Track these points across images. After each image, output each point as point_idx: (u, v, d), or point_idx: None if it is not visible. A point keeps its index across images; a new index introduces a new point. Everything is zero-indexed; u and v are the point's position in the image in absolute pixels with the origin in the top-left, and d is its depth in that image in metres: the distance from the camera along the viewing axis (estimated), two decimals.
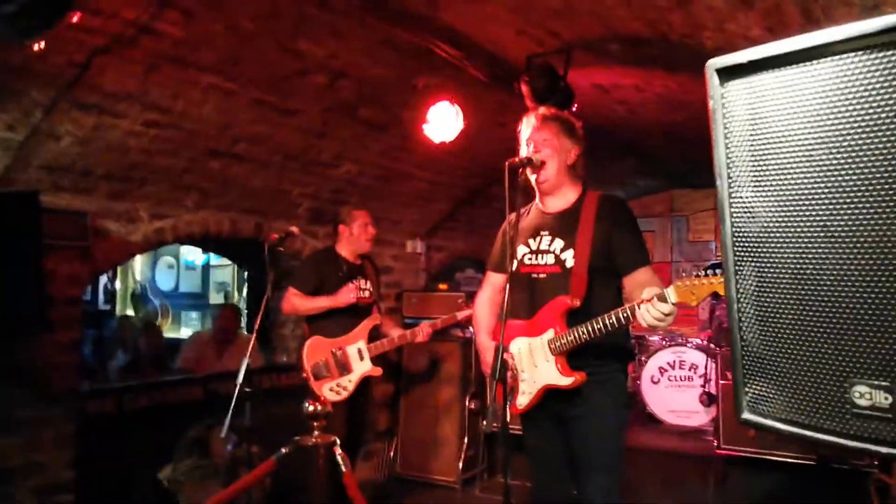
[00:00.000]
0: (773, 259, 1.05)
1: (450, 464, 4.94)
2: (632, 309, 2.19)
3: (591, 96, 3.88)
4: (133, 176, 3.47)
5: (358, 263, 3.94)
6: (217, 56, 2.98)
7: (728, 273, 1.12)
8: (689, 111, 3.99)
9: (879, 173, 0.89)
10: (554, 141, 2.51)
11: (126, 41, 2.67)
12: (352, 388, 3.69)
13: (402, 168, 4.75)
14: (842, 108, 0.93)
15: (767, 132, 1.03)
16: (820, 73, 0.94)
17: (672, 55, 3.04)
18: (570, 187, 2.56)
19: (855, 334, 0.96)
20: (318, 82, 3.42)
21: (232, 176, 3.88)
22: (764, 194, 1.04)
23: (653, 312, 2.11)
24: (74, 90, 2.85)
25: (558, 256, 2.47)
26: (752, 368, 1.12)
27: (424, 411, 5.14)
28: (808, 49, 0.94)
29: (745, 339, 1.12)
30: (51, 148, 3.06)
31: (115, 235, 3.51)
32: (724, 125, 1.09)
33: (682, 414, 5.45)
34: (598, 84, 3.77)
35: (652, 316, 2.11)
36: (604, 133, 4.66)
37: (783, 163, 1.01)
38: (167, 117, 3.22)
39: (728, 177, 1.10)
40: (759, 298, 1.08)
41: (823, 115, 0.95)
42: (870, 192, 0.91)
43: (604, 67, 3.44)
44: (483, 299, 2.77)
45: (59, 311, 3.15)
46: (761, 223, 1.05)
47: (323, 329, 3.74)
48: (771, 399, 1.09)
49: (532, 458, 2.65)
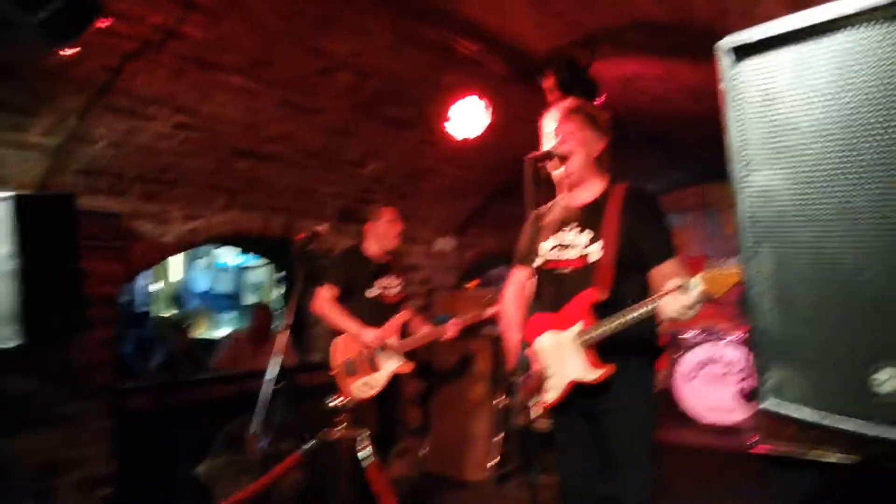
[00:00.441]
0: (790, 241, 1.03)
1: (482, 461, 4.93)
2: (656, 300, 2.16)
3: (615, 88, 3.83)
4: (164, 178, 3.55)
5: (386, 261, 3.96)
6: (242, 57, 3.03)
7: (745, 256, 1.10)
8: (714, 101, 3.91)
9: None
10: (579, 133, 2.48)
11: (154, 45, 2.73)
12: (382, 385, 3.71)
13: (429, 164, 4.76)
14: (857, 82, 0.90)
15: (781, 111, 1.00)
16: (833, 47, 0.91)
17: (696, 43, 2.98)
18: (596, 180, 2.53)
19: (877, 316, 0.93)
20: (342, 81, 3.45)
21: (260, 176, 3.94)
22: (779, 175, 1.02)
23: (676, 303, 2.08)
24: (107, 95, 2.93)
25: (584, 250, 2.44)
26: (772, 354, 1.09)
27: (456, 409, 5.14)
28: (820, 24, 0.92)
29: (763, 325, 1.10)
30: (86, 152, 3.15)
31: (148, 236, 3.60)
32: (736, 106, 1.07)
33: (718, 411, 5.34)
34: (622, 75, 3.72)
35: (675, 307, 2.08)
36: (630, 125, 4.60)
37: (798, 142, 0.99)
38: (195, 119, 3.29)
39: (742, 159, 1.07)
40: (778, 282, 1.06)
41: (838, 91, 0.92)
42: (890, 168, 0.88)
43: (626, 58, 3.40)
44: (510, 295, 2.76)
45: (96, 311, 3.22)
46: (777, 205, 1.03)
47: None
48: (792, 384, 1.07)
49: (561, 453, 2.63)
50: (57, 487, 3.10)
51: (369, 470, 2.30)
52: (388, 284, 3.89)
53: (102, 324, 3.32)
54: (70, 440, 3.17)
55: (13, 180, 2.98)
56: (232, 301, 7.86)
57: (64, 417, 3.15)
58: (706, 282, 2.06)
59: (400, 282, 3.99)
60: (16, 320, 2.51)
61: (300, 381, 4.47)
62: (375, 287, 3.83)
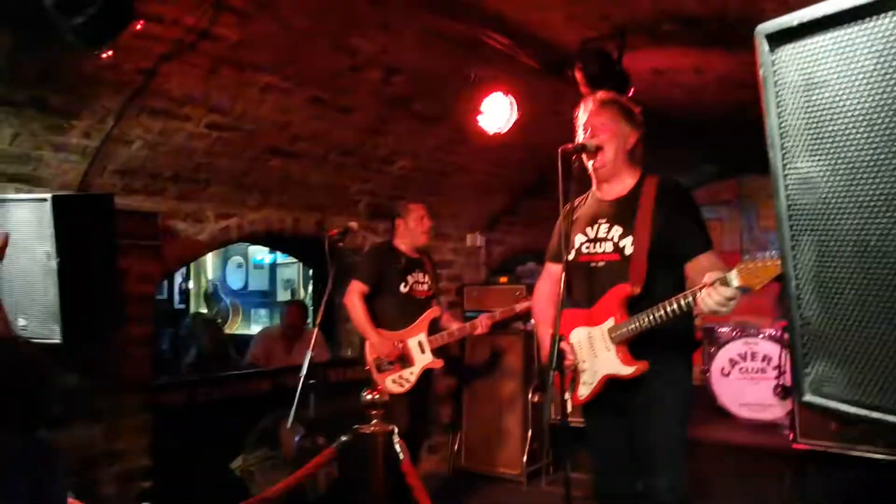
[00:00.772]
0: (833, 231, 0.99)
1: (514, 457, 4.93)
2: (693, 294, 2.13)
3: (647, 81, 3.77)
4: (198, 177, 3.61)
5: (416, 257, 3.97)
6: (273, 56, 3.06)
7: (784, 248, 1.06)
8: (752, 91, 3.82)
9: None
10: (611, 125, 2.46)
11: (187, 46, 2.77)
12: (414, 381, 3.74)
13: (459, 161, 4.75)
14: None
15: (822, 98, 0.97)
16: (876, 31, 0.88)
17: (730, 33, 2.92)
18: (628, 173, 2.50)
19: None
20: (371, 78, 3.47)
21: (291, 174, 3.98)
22: (821, 163, 0.99)
23: (714, 297, 2.04)
24: (142, 96, 2.99)
25: (617, 244, 2.42)
26: (813, 348, 1.06)
27: (487, 404, 5.14)
28: (862, 6, 0.88)
29: (804, 318, 1.06)
30: (123, 152, 3.22)
31: (183, 235, 3.67)
32: (775, 93, 1.04)
33: (755, 407, 5.24)
34: (654, 67, 3.67)
35: (713, 301, 2.05)
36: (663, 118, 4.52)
37: (841, 129, 0.95)
38: (228, 119, 3.34)
39: (782, 147, 1.04)
40: (819, 274, 1.02)
41: (882, 76, 0.89)
42: None
43: (659, 50, 3.34)
44: (542, 290, 2.74)
45: (134, 308, 3.31)
46: (818, 194, 1.00)
47: (384, 323, 3.80)
48: (834, 380, 1.03)
49: (594, 449, 2.62)
50: (98, 480, 3.18)
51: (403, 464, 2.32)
52: (418, 280, 3.91)
53: (139, 321, 3.40)
54: (110, 434, 3.25)
55: (54, 181, 3.07)
56: (265, 298, 7.97)
57: (104, 412, 3.23)
58: (744, 275, 2.02)
59: (430, 278, 4.00)
60: (57, 318, 2.59)
61: (332, 376, 4.52)
62: (406, 283, 3.85)
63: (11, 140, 2.83)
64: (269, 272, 7.99)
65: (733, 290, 2.02)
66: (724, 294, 2.03)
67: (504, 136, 3.80)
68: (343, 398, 4.12)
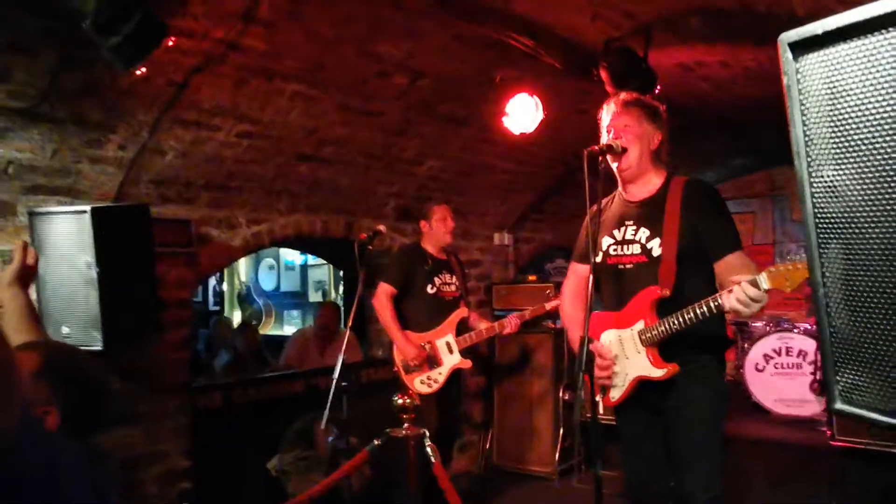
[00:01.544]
0: (860, 239, 0.99)
1: (546, 455, 4.94)
2: (722, 297, 2.12)
3: (674, 76, 3.74)
4: (230, 185, 3.68)
5: (443, 258, 4.00)
6: (300, 64, 3.11)
7: (812, 256, 1.06)
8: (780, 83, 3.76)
9: None
10: (636, 127, 2.45)
11: (216, 59, 2.84)
12: (442, 381, 3.77)
13: (485, 160, 4.77)
14: None
15: (847, 107, 0.97)
16: None
17: (759, 26, 2.88)
18: (654, 174, 2.49)
19: None
20: (397, 83, 3.50)
21: (320, 178, 4.04)
22: (847, 172, 0.98)
23: (737, 295, 2.03)
24: (175, 108, 3.06)
25: (644, 246, 2.41)
26: (843, 356, 1.06)
27: (518, 403, 5.16)
28: (885, 15, 0.88)
29: (833, 326, 1.06)
30: (157, 163, 3.30)
31: (216, 241, 3.75)
32: (800, 101, 1.03)
33: (791, 403, 5.14)
34: (681, 63, 3.63)
35: (735, 298, 2.03)
36: (691, 113, 4.48)
37: (866, 138, 0.95)
38: (257, 127, 3.40)
39: (807, 155, 1.04)
40: (848, 282, 1.02)
41: None
42: None
43: (686, 46, 3.31)
44: (569, 291, 2.74)
45: (171, 313, 3.40)
46: (845, 202, 1.00)
47: (412, 324, 3.84)
48: (865, 388, 1.03)
49: (627, 448, 2.62)
50: (139, 481, 3.28)
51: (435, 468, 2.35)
52: (445, 281, 3.93)
53: (177, 325, 3.50)
54: (150, 436, 3.34)
55: (92, 192, 3.16)
56: (297, 299, 8.08)
57: (144, 415, 3.33)
58: (774, 277, 2.00)
59: (457, 279, 4.03)
60: (98, 325, 2.68)
61: (364, 376, 4.57)
62: (433, 284, 3.88)
63: (52, 154, 2.93)
64: (301, 273, 8.11)
65: (759, 291, 2.01)
66: (748, 293, 2.01)
67: (530, 134, 3.80)
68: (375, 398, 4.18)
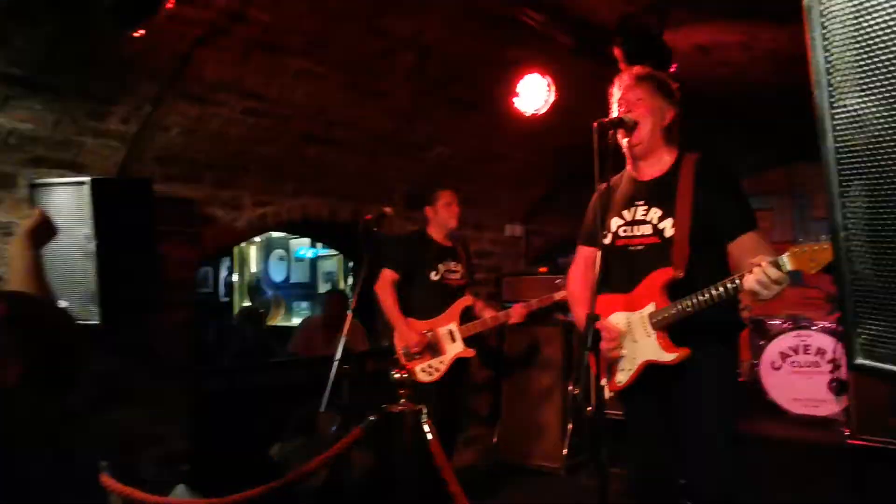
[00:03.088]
0: (886, 173, 0.90)
1: (554, 450, 4.84)
2: (740, 278, 2.02)
3: (691, 60, 3.64)
4: (235, 164, 3.64)
5: (448, 245, 3.92)
6: (305, 39, 3.06)
7: (832, 197, 0.97)
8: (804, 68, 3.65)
9: None
10: (648, 101, 2.36)
11: (220, 30, 2.79)
12: (444, 369, 3.69)
13: (497, 148, 4.69)
14: None
15: (874, 24, 0.88)
16: None
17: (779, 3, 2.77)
18: (665, 151, 2.40)
19: None
20: (406, 61, 3.44)
21: (328, 161, 3.98)
22: (873, 98, 0.90)
23: (758, 275, 1.93)
24: (179, 82, 3.02)
25: (656, 226, 2.32)
26: (866, 306, 0.97)
27: (526, 396, 5.06)
28: None
29: (855, 272, 0.97)
30: (161, 139, 3.26)
31: (221, 222, 3.70)
32: (821, 24, 0.95)
33: (808, 402, 5.01)
34: (698, 44, 3.53)
35: (755, 279, 1.93)
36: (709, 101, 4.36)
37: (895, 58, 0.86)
38: (263, 104, 3.36)
39: (828, 84, 0.95)
40: (872, 222, 0.93)
41: None
42: None
43: (703, 24, 3.22)
44: (576, 275, 2.65)
45: (173, 293, 3.35)
46: (870, 133, 0.91)
47: (415, 311, 3.76)
48: (889, 339, 0.94)
49: (632, 439, 2.52)
50: (137, 462, 3.23)
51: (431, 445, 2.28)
52: (450, 269, 3.86)
53: (179, 306, 3.45)
54: (150, 417, 3.29)
55: (94, 167, 3.13)
56: (307, 290, 8.06)
57: (145, 395, 3.28)
58: (797, 257, 1.91)
59: (463, 267, 3.94)
60: (96, 299, 2.63)
61: (370, 366, 4.51)
62: (437, 271, 3.80)
63: (54, 126, 2.89)
64: (311, 265, 8.08)
65: (781, 272, 1.91)
66: (770, 275, 1.91)
67: (542, 122, 3.73)
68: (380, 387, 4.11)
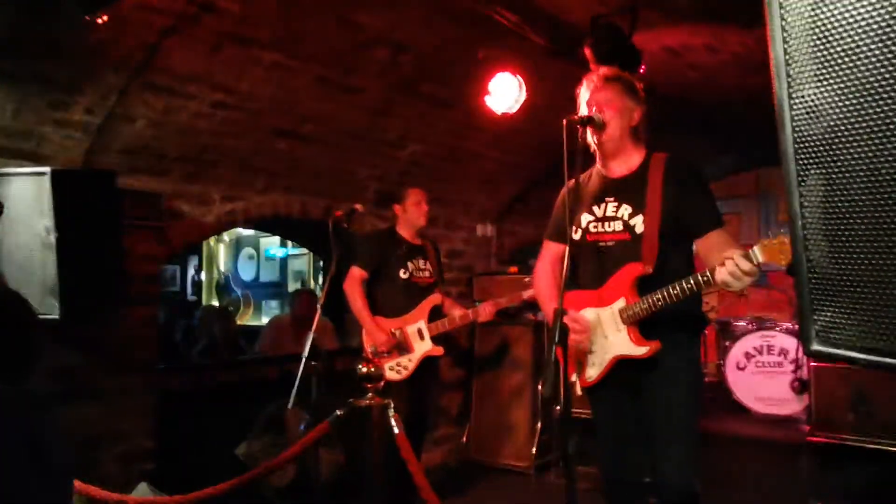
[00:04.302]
0: (841, 162, 0.92)
1: (523, 449, 4.86)
2: (712, 271, 2.07)
3: (661, 61, 3.69)
4: (204, 158, 3.58)
5: (418, 244, 3.91)
6: (277, 32, 3.02)
7: (790, 185, 0.99)
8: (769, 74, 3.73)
9: None
10: (616, 102, 2.41)
11: (189, 19, 2.74)
12: (412, 368, 3.68)
13: (470, 147, 4.69)
14: None
15: (831, 14, 0.90)
16: None
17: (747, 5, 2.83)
18: (633, 150, 2.45)
19: None
20: (379, 56, 3.42)
21: (299, 157, 3.94)
22: (829, 89, 0.91)
23: (730, 268, 1.98)
24: (146, 72, 2.96)
25: (627, 223, 2.36)
26: (822, 293, 0.99)
27: (497, 396, 5.08)
28: None
29: (811, 261, 0.99)
30: (127, 131, 3.20)
31: (188, 216, 3.65)
32: (780, 16, 0.97)
33: (771, 402, 5.12)
34: (668, 46, 3.58)
35: (729, 271, 1.98)
36: (678, 104, 4.43)
37: (850, 48, 0.88)
38: (233, 97, 3.31)
39: (787, 75, 0.97)
40: (828, 210, 0.95)
41: None
42: None
43: (672, 26, 3.26)
44: (543, 270, 2.66)
45: (138, 288, 3.29)
46: (827, 122, 0.92)
47: (383, 309, 3.75)
48: (843, 326, 0.96)
49: (602, 439, 2.54)
50: (99, 459, 3.16)
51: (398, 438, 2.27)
52: (419, 267, 3.85)
53: (144, 301, 3.38)
54: (112, 414, 3.22)
55: (57, 159, 3.05)
56: (276, 289, 7.98)
57: (106, 391, 3.21)
58: (768, 250, 1.96)
59: (432, 265, 3.94)
60: (56, 293, 2.57)
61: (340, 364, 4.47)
62: (406, 269, 3.80)
63: (14, 115, 2.82)
64: (280, 264, 8.01)
65: (751, 265, 1.96)
66: (742, 266, 1.96)
67: (515, 122, 3.74)
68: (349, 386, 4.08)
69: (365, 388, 2.34)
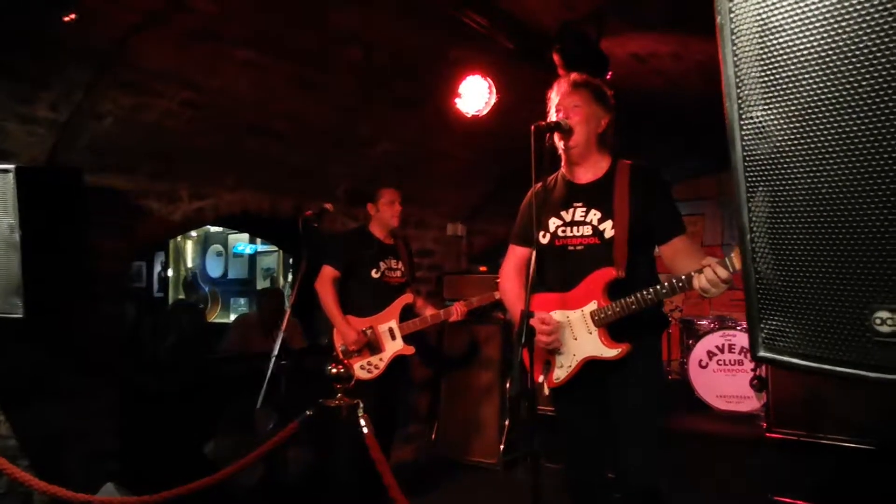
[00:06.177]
0: (786, 180, 0.98)
1: (491, 446, 4.91)
2: (688, 277, 2.12)
3: (627, 67, 3.76)
4: (173, 155, 3.55)
5: (390, 243, 3.93)
6: (248, 29, 3.01)
7: (740, 201, 1.05)
8: None
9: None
10: (584, 108, 2.44)
11: (159, 17, 2.72)
12: (383, 367, 3.69)
13: (441, 147, 4.72)
14: (857, 5, 0.85)
15: (777, 43, 0.95)
16: None
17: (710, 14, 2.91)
18: (600, 156, 2.49)
19: (876, 255, 0.88)
20: (350, 55, 3.42)
21: (269, 155, 3.92)
22: (775, 111, 0.97)
23: (708, 276, 2.04)
24: (113, 68, 2.93)
25: (596, 227, 2.40)
26: (768, 302, 1.04)
27: (465, 394, 5.12)
28: None
29: (758, 272, 1.05)
30: (94, 128, 3.15)
31: (156, 215, 3.60)
32: (732, 41, 1.02)
33: (731, 399, 5.26)
34: (634, 53, 3.65)
35: (707, 278, 2.04)
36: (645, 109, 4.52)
37: (795, 74, 0.94)
38: (203, 95, 3.28)
39: (738, 97, 1.03)
40: (773, 225, 1.01)
41: (838, 16, 0.87)
42: (891, 95, 0.83)
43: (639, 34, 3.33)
44: (509, 273, 2.70)
45: (103, 286, 3.25)
46: (773, 142, 0.98)
47: (355, 308, 3.76)
48: (787, 333, 1.02)
49: (567, 434, 2.59)
50: (62, 459, 3.12)
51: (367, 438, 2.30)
52: (391, 266, 3.87)
53: (109, 299, 3.34)
54: (76, 413, 3.19)
55: (21, 155, 3.00)
56: (245, 286, 7.91)
57: (70, 390, 3.17)
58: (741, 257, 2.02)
59: (404, 264, 3.96)
60: (19, 291, 2.53)
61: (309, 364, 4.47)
62: (378, 269, 3.81)
63: None
64: (249, 261, 7.94)
65: (730, 273, 2.02)
66: (720, 274, 2.02)
67: (485, 123, 3.78)
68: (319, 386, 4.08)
69: (335, 388, 2.35)
